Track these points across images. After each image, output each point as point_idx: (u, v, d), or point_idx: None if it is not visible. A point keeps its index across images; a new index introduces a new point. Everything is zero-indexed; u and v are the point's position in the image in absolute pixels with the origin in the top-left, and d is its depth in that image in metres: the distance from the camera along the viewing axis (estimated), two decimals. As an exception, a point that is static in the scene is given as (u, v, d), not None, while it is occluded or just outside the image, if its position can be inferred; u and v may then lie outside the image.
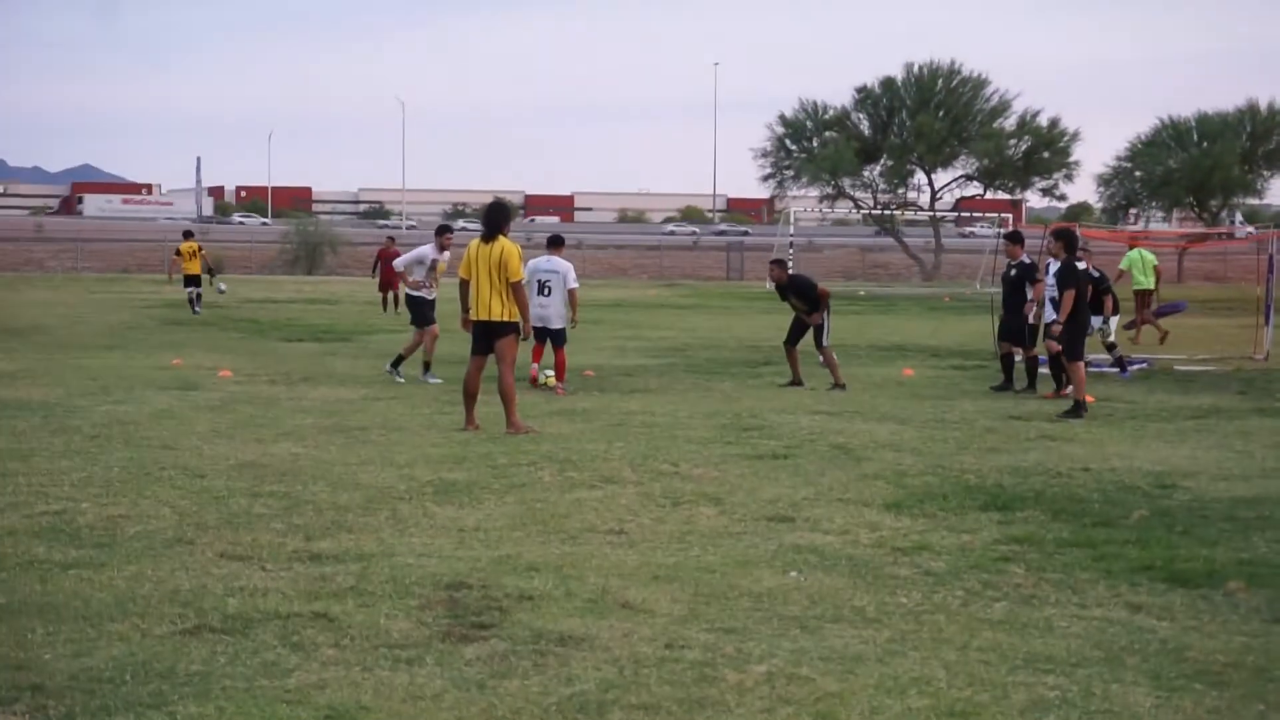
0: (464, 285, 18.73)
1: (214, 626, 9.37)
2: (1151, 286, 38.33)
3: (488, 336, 18.67)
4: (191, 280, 45.43)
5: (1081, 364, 21.97)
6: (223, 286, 51.85)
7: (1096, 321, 27.59)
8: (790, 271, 26.58)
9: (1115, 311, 28.19)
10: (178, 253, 46.35)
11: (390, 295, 47.16)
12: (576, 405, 21.46)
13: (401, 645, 9.03)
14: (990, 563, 11.64)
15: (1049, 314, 24.51)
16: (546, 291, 24.50)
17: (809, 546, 12.13)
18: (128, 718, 7.71)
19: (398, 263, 26.87)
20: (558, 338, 24.53)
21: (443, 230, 26.50)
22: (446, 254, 26.13)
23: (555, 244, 25.32)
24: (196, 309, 44.40)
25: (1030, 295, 25.35)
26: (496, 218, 18.95)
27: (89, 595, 10.14)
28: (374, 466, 15.70)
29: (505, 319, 18.60)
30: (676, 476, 15.45)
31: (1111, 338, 28.21)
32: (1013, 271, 25.56)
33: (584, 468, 15.85)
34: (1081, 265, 28.07)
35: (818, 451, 17.43)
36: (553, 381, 24.18)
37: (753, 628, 9.61)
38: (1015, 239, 26.20)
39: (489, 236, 18.68)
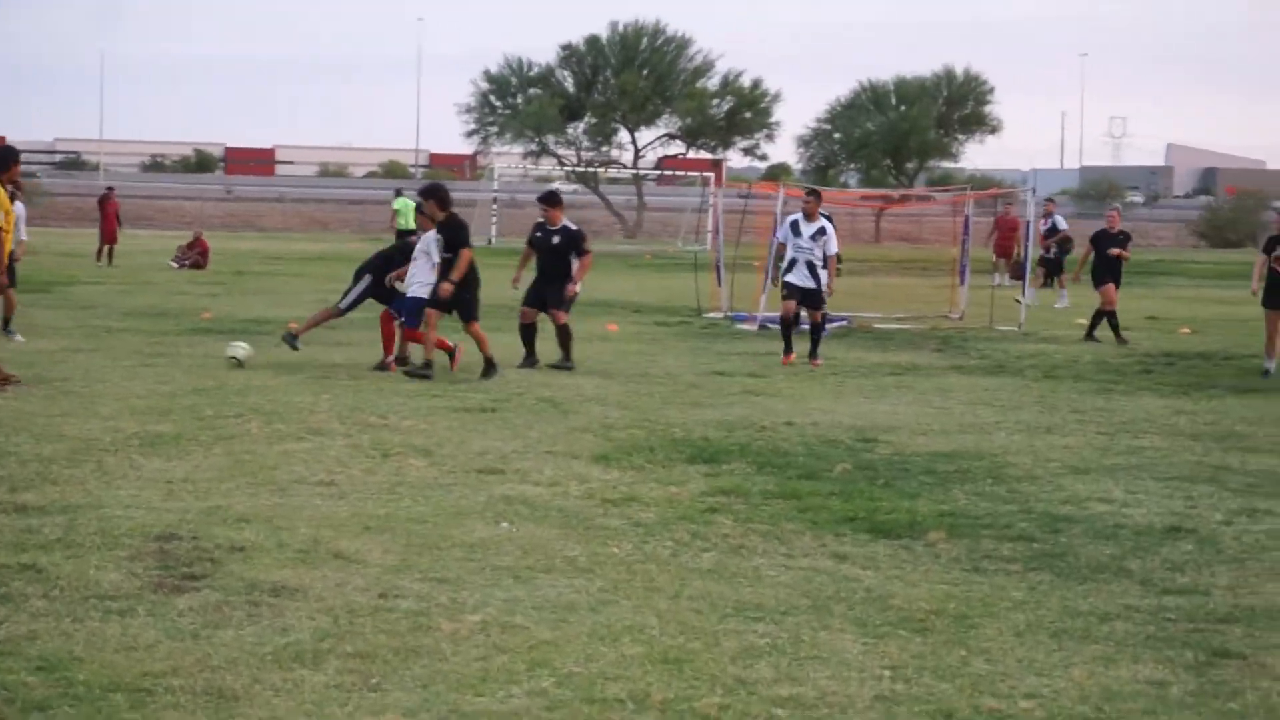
0: None
1: (-84, 579, 9.19)
2: (414, 228, 42.32)
3: None
4: None
5: (476, 324, 19.89)
6: None
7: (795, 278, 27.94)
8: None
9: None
10: None
11: (106, 248, 46.70)
12: (281, 359, 21.25)
13: (112, 596, 8.94)
14: (698, 514, 11.83)
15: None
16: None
17: (519, 498, 12.23)
18: None
19: None
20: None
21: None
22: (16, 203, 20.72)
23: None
24: None
25: (575, 267, 21.88)
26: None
27: None
28: (77, 418, 15.44)
29: None
30: (385, 429, 15.45)
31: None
32: (555, 239, 21.84)
33: (291, 420, 15.75)
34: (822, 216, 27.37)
35: (525, 405, 17.52)
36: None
37: (466, 578, 9.67)
38: (553, 201, 22.29)
39: None
